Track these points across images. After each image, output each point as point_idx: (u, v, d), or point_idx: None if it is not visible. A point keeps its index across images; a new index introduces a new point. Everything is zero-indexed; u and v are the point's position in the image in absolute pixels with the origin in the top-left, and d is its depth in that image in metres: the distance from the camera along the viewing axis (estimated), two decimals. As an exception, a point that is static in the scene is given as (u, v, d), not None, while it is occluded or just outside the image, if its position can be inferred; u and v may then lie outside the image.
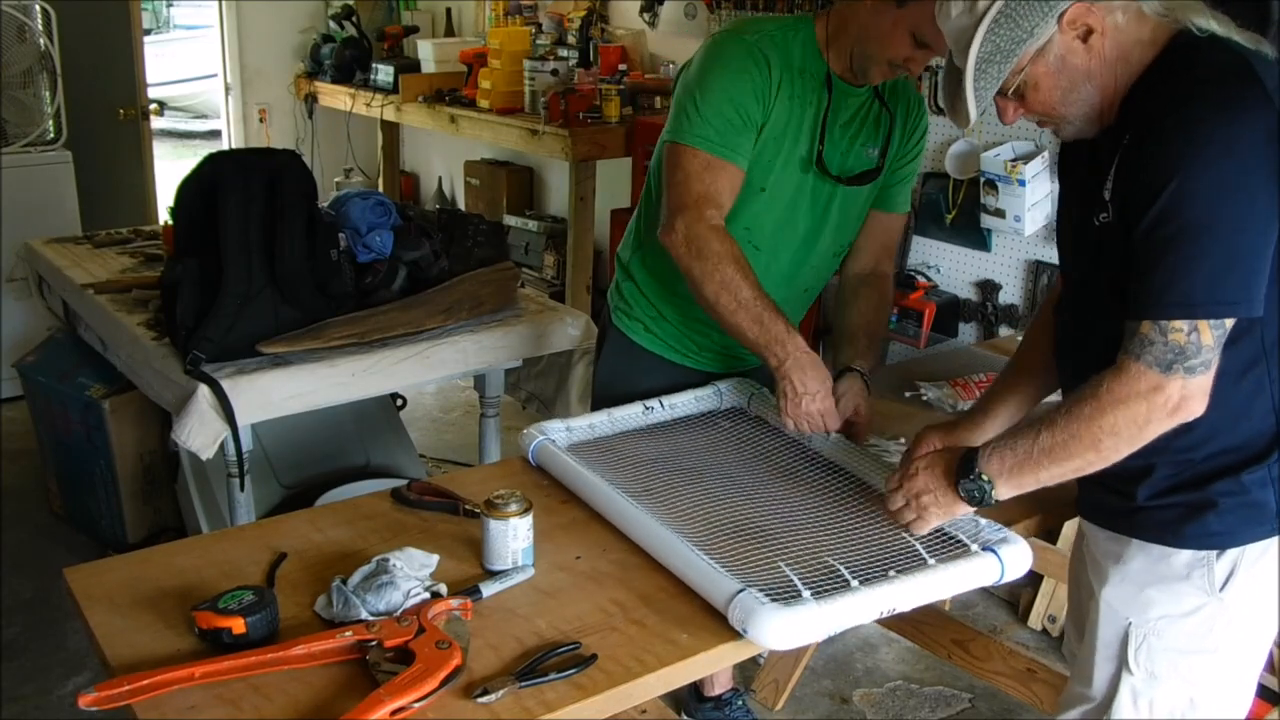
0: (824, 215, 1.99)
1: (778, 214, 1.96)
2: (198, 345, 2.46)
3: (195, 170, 2.67)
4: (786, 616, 1.27)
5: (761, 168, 1.91)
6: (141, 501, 3.24)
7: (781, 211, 1.96)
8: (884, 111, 1.96)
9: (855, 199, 2.00)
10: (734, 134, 1.85)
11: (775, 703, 2.77)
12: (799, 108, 1.89)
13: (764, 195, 1.94)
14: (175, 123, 10.63)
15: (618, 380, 2.13)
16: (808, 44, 1.90)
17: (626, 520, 1.52)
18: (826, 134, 1.90)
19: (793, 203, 1.95)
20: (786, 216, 1.97)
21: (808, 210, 1.97)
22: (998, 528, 1.52)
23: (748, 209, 1.94)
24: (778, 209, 1.95)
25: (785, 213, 1.96)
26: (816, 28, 1.90)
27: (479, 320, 2.82)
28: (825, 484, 1.69)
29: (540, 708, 1.19)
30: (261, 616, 1.27)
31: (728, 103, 1.84)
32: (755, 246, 1.96)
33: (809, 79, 1.89)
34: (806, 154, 1.91)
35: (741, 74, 1.85)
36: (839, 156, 1.95)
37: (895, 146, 2.00)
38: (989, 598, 3.27)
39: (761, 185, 1.93)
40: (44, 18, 4.45)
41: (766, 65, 1.85)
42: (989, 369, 2.18)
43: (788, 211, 1.96)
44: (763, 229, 1.96)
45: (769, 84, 1.85)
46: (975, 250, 3.46)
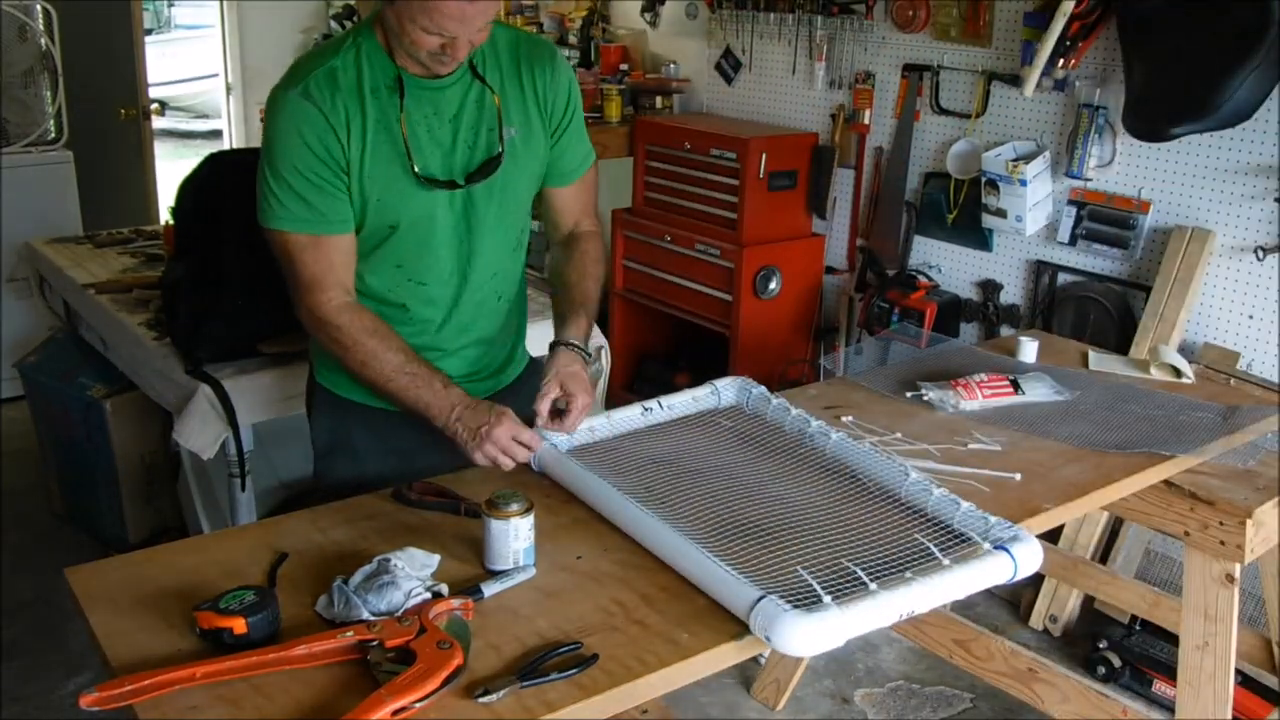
0: (474, 220, 1.81)
1: (423, 240, 1.79)
2: (199, 345, 2.46)
3: (196, 170, 2.68)
4: (810, 623, 1.27)
5: (380, 207, 1.74)
6: (142, 501, 3.24)
7: (425, 236, 1.78)
8: (485, 89, 1.76)
9: (504, 189, 1.81)
10: (318, 204, 1.69)
11: (776, 703, 2.77)
12: (386, 128, 1.71)
13: (400, 231, 1.77)
14: (176, 122, 10.64)
15: (337, 442, 1.96)
16: (373, 55, 1.70)
17: (638, 525, 1.51)
18: (412, 142, 1.71)
19: (431, 224, 1.78)
20: (430, 240, 1.79)
21: (452, 224, 1.79)
22: (1007, 525, 1.51)
23: (390, 250, 1.78)
24: (420, 236, 1.78)
25: (428, 236, 1.78)
26: (377, 35, 1.71)
27: (480, 320, 2.81)
28: (829, 482, 1.69)
29: (541, 708, 1.19)
30: (263, 616, 1.27)
31: (296, 174, 1.68)
32: (419, 282, 1.82)
33: (387, 92, 1.71)
34: (409, 169, 1.72)
35: (296, 135, 1.67)
36: (460, 154, 1.77)
37: (527, 118, 1.80)
38: (990, 597, 3.26)
39: (391, 223, 1.76)
40: (45, 17, 4.45)
41: (320, 112, 1.67)
42: (991, 369, 2.18)
43: (429, 234, 1.78)
44: (416, 261, 1.80)
45: (330, 130, 1.68)
46: (976, 250, 3.46)
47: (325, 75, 1.69)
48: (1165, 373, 2.33)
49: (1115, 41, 2.92)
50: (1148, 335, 2.96)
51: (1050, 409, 2.08)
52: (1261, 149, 2.78)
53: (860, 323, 3.69)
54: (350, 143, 1.69)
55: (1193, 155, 2.92)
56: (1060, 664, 2.40)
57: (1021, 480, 1.78)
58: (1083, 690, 2.27)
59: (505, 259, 1.90)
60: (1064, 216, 3.17)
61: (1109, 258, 3.13)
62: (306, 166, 1.68)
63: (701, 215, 3.77)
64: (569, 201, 1.95)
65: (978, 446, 1.90)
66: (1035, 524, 1.67)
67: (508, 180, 1.81)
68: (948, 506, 1.57)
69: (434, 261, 1.81)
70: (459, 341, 1.90)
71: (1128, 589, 2.63)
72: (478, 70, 1.76)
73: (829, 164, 3.76)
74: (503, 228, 1.85)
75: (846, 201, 3.82)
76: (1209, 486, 2.00)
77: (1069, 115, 3.13)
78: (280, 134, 1.69)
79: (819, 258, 3.89)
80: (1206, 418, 2.09)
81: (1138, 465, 1.88)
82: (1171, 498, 2.03)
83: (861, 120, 3.70)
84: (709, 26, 4.16)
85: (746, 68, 4.07)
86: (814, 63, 3.79)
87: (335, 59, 1.70)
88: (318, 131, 1.67)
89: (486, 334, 1.93)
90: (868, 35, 3.63)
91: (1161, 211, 3.01)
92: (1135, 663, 2.88)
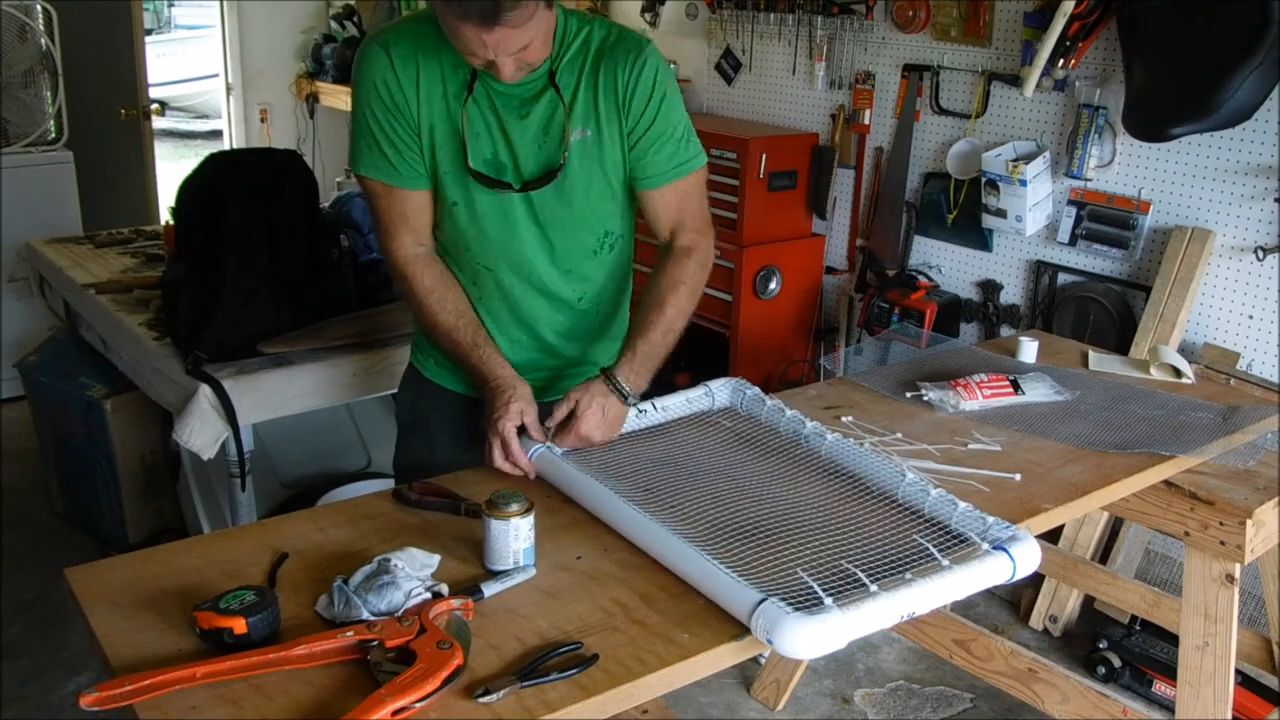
0: (542, 217, 1.79)
1: (490, 226, 1.78)
2: (199, 345, 2.46)
3: (196, 170, 2.68)
4: (812, 625, 1.26)
5: (444, 180, 1.75)
6: (143, 501, 3.24)
7: (493, 222, 1.78)
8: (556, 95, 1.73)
9: (572, 192, 1.78)
10: (389, 154, 1.72)
11: (777, 703, 2.77)
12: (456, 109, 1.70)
13: (460, 209, 1.77)
14: (176, 123, 10.65)
15: (415, 422, 2.00)
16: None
17: (636, 528, 1.51)
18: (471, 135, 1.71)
19: (496, 215, 1.77)
20: (497, 231, 1.78)
21: (518, 220, 1.78)
22: (1006, 525, 1.51)
23: (454, 226, 1.80)
24: (487, 221, 1.78)
25: (493, 227, 1.78)
26: None
27: (480, 320, 2.81)
28: (827, 483, 1.69)
29: (542, 708, 1.19)
30: (263, 616, 1.27)
31: (372, 120, 1.71)
32: (486, 267, 1.83)
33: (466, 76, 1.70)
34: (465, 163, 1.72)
35: (370, 83, 1.69)
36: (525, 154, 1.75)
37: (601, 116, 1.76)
38: (990, 597, 3.27)
39: (452, 200, 1.76)
40: (45, 17, 4.45)
41: (390, 64, 1.68)
42: (991, 369, 2.18)
43: (499, 220, 1.78)
44: (482, 247, 1.80)
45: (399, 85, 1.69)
46: (976, 250, 3.46)
47: (410, 33, 1.69)
48: (1165, 373, 2.33)
49: (1115, 42, 2.92)
50: (1148, 335, 2.96)
51: (1050, 409, 2.08)
52: (1261, 149, 2.78)
53: (860, 323, 3.69)
54: (420, 105, 1.70)
55: (1193, 155, 2.92)
56: (1060, 664, 2.40)
57: (1021, 480, 1.78)
58: (1083, 690, 2.28)
59: (583, 260, 1.86)
60: (1064, 217, 3.17)
61: (1109, 258, 3.13)
62: (379, 114, 1.71)
63: (702, 215, 3.78)
64: (660, 207, 1.85)
65: (978, 447, 1.90)
66: (1035, 524, 1.67)
67: (576, 182, 1.77)
68: (945, 507, 1.56)
69: (498, 250, 1.81)
70: (528, 333, 1.89)
71: (1128, 589, 2.63)
72: (555, 74, 1.73)
73: (829, 164, 3.76)
74: (576, 229, 1.82)
75: (846, 201, 3.82)
76: (1209, 486, 2.00)
77: (1069, 115, 3.13)
78: (359, 80, 1.72)
79: (819, 258, 3.89)
80: (1206, 418, 2.09)
81: (1138, 465, 1.88)
82: (1171, 498, 2.03)
83: (862, 120, 3.70)
84: (709, 26, 4.16)
85: (747, 68, 4.07)
86: (814, 63, 3.79)
87: (430, 24, 1.67)
88: (387, 83, 1.69)
89: (559, 331, 1.91)
90: (868, 35, 3.63)
91: (1161, 212, 3.01)
92: (1135, 663, 2.88)
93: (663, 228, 1.88)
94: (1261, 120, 2.72)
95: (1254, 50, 2.55)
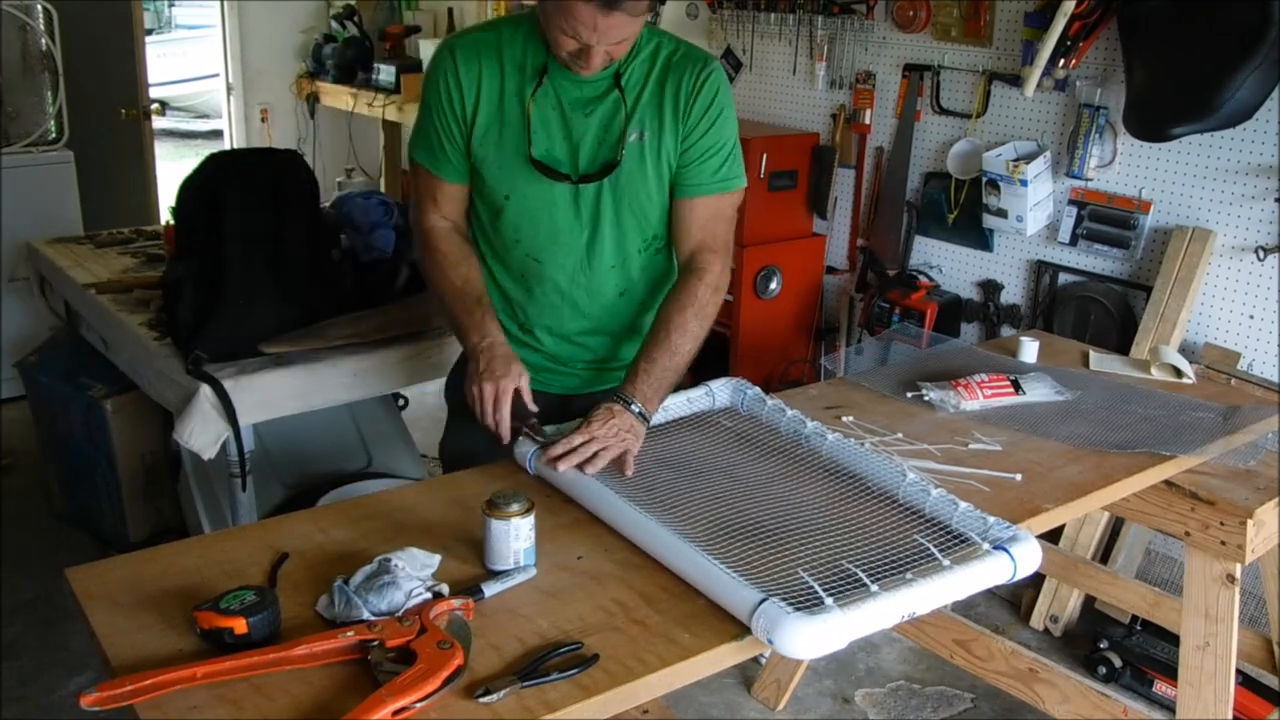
0: (594, 214, 1.86)
1: (540, 219, 1.86)
2: (200, 345, 2.46)
3: (197, 170, 2.68)
4: (813, 625, 1.27)
5: (496, 175, 1.84)
6: (143, 501, 3.24)
7: (543, 216, 1.85)
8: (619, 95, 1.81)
9: (627, 190, 1.84)
10: (438, 146, 1.87)
11: (777, 703, 2.77)
12: (520, 104, 1.80)
13: (511, 204, 1.85)
14: (177, 123, 10.64)
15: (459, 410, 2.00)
16: (533, 36, 1.80)
17: (637, 528, 1.51)
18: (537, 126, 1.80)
19: (549, 204, 1.85)
20: (550, 220, 1.86)
21: (571, 212, 1.85)
22: (1006, 525, 1.51)
23: (505, 221, 1.88)
24: (537, 214, 1.85)
25: (545, 218, 1.86)
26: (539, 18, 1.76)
27: (481, 320, 2.81)
28: (827, 483, 1.69)
29: (542, 708, 1.19)
30: (263, 617, 1.27)
31: (430, 113, 1.86)
32: (535, 259, 1.89)
33: (533, 72, 1.80)
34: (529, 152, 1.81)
35: (433, 81, 1.84)
36: (585, 148, 1.82)
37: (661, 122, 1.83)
38: (991, 597, 3.26)
39: (505, 193, 1.85)
40: (45, 17, 4.45)
41: (455, 67, 1.81)
42: (991, 369, 2.18)
43: (548, 214, 1.85)
44: (532, 238, 1.87)
45: (459, 87, 1.81)
46: (977, 250, 3.46)
47: (474, 40, 1.84)
48: (1166, 373, 2.33)
49: (1116, 41, 2.92)
50: (1148, 335, 2.96)
51: (1051, 409, 2.08)
52: (1262, 149, 2.78)
53: (861, 323, 3.69)
54: (478, 106, 1.82)
55: (1193, 155, 2.92)
56: (1061, 664, 2.40)
57: (1022, 480, 1.78)
58: (1083, 690, 2.27)
59: (632, 258, 1.92)
60: (1065, 216, 3.17)
61: (1110, 258, 3.13)
62: (435, 111, 1.85)
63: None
64: (689, 218, 1.88)
65: (978, 447, 1.90)
66: (1036, 524, 1.68)
67: (627, 182, 1.84)
68: (946, 507, 1.57)
69: (548, 242, 1.88)
70: (577, 326, 1.96)
71: (1128, 589, 2.63)
72: (621, 77, 1.81)
73: (830, 164, 3.76)
74: (626, 225, 1.88)
75: (847, 201, 3.82)
76: (1210, 486, 2.00)
77: (1069, 115, 3.13)
78: (427, 76, 1.87)
79: (820, 258, 3.89)
80: (1207, 418, 2.09)
81: (1138, 465, 1.88)
82: (1172, 498, 2.03)
83: (862, 120, 3.70)
84: (710, 26, 4.16)
85: (747, 68, 4.07)
86: (815, 63, 3.79)
87: (495, 31, 1.84)
88: (449, 85, 1.82)
89: (605, 325, 1.97)
90: (868, 35, 3.63)
91: (1162, 211, 3.01)
92: (1136, 663, 2.88)
93: (688, 242, 1.90)
94: (1262, 120, 2.72)
95: (1254, 50, 2.55)
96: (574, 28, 1.65)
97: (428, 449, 3.95)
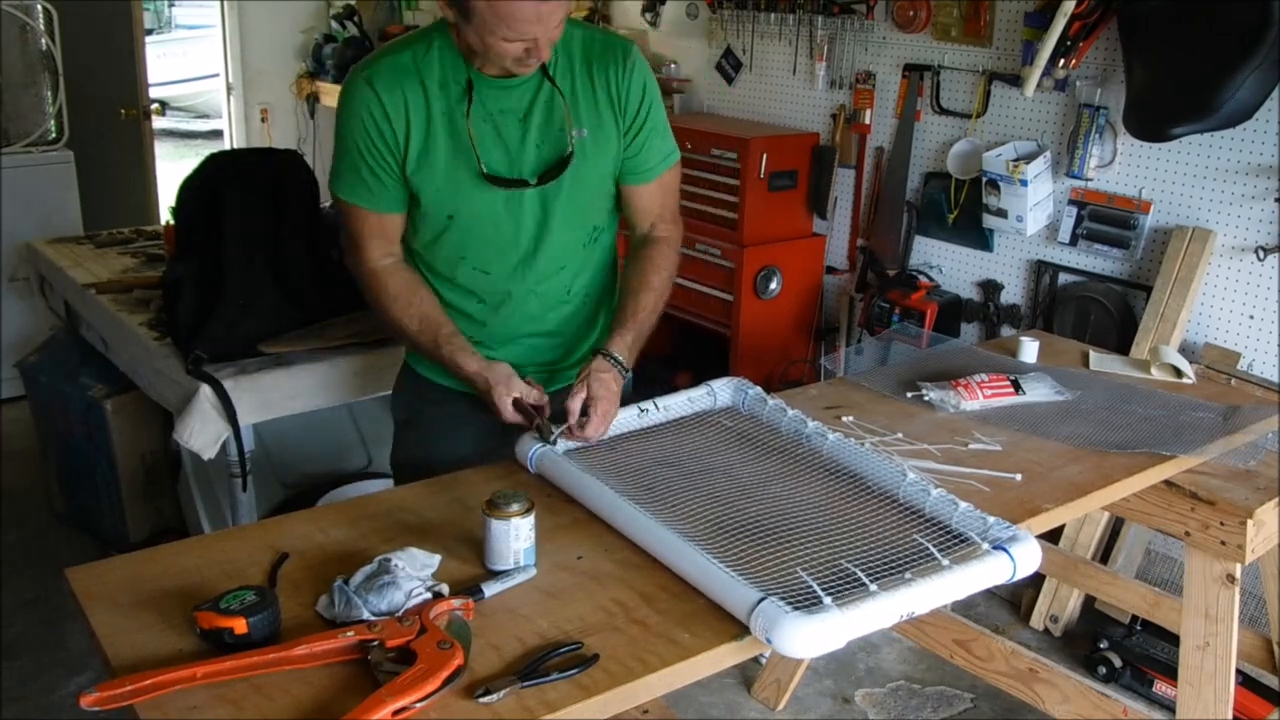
0: (542, 216, 1.86)
1: (483, 233, 1.86)
2: (199, 345, 2.46)
3: (197, 170, 2.68)
4: (811, 625, 1.27)
5: (439, 196, 1.82)
6: (143, 501, 3.24)
7: (485, 229, 1.85)
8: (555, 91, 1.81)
9: (574, 187, 1.85)
10: (369, 181, 1.81)
11: (777, 703, 2.77)
12: (451, 123, 1.78)
13: (457, 221, 1.85)
14: (177, 123, 10.65)
15: (411, 419, 2.06)
16: (446, 54, 1.77)
17: (636, 527, 1.51)
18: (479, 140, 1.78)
19: (492, 218, 1.84)
20: (490, 232, 1.86)
21: (515, 219, 1.85)
22: (1006, 525, 1.51)
23: (451, 238, 1.87)
24: (480, 228, 1.85)
25: (488, 229, 1.85)
26: (452, 35, 1.75)
27: (480, 320, 2.81)
28: (828, 482, 1.69)
29: (542, 708, 1.19)
30: (263, 617, 1.27)
31: (354, 150, 1.80)
32: (482, 270, 1.89)
33: (457, 89, 1.78)
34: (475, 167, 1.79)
35: (356, 117, 1.78)
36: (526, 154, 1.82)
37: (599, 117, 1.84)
38: (991, 597, 3.27)
39: (448, 213, 1.84)
40: (45, 17, 4.46)
41: (379, 100, 1.75)
42: (991, 369, 2.18)
43: (490, 227, 1.85)
44: (479, 252, 1.88)
45: (386, 119, 1.76)
46: (977, 250, 3.46)
47: (391, 66, 1.78)
48: (1166, 373, 2.33)
49: (1116, 41, 2.92)
50: (1148, 335, 2.96)
51: (1051, 409, 2.08)
52: (1262, 149, 2.78)
53: (861, 323, 3.69)
54: (408, 133, 1.78)
55: (1193, 155, 2.92)
56: (1061, 664, 2.40)
57: (1022, 480, 1.78)
58: (1083, 690, 2.27)
59: (576, 254, 1.94)
60: (1065, 216, 3.17)
61: (1110, 258, 3.13)
62: (363, 146, 1.79)
63: (702, 215, 3.77)
64: (646, 200, 1.96)
65: (978, 447, 1.90)
66: (1036, 524, 1.67)
67: (577, 178, 1.85)
68: (946, 507, 1.57)
69: (496, 253, 1.88)
70: (525, 329, 1.96)
71: (1128, 589, 2.63)
72: (548, 71, 1.80)
73: (830, 164, 3.76)
74: (573, 224, 1.90)
75: (847, 201, 3.82)
76: (1210, 486, 2.00)
77: (1069, 115, 3.13)
78: (344, 112, 1.81)
79: (820, 258, 3.89)
80: (1207, 418, 2.09)
81: (1138, 465, 1.88)
82: (1172, 498, 2.03)
83: (862, 120, 3.70)
84: (710, 26, 4.16)
85: (747, 68, 4.07)
86: (815, 63, 3.79)
87: (407, 52, 1.78)
88: (374, 117, 1.77)
89: (553, 326, 1.98)
90: (868, 35, 3.63)
91: (1162, 211, 3.01)
92: (1136, 663, 2.88)
93: (645, 220, 1.98)
94: (1262, 120, 2.72)
95: (1254, 50, 2.55)
96: (519, 30, 1.63)
97: (428, 449, 3.96)
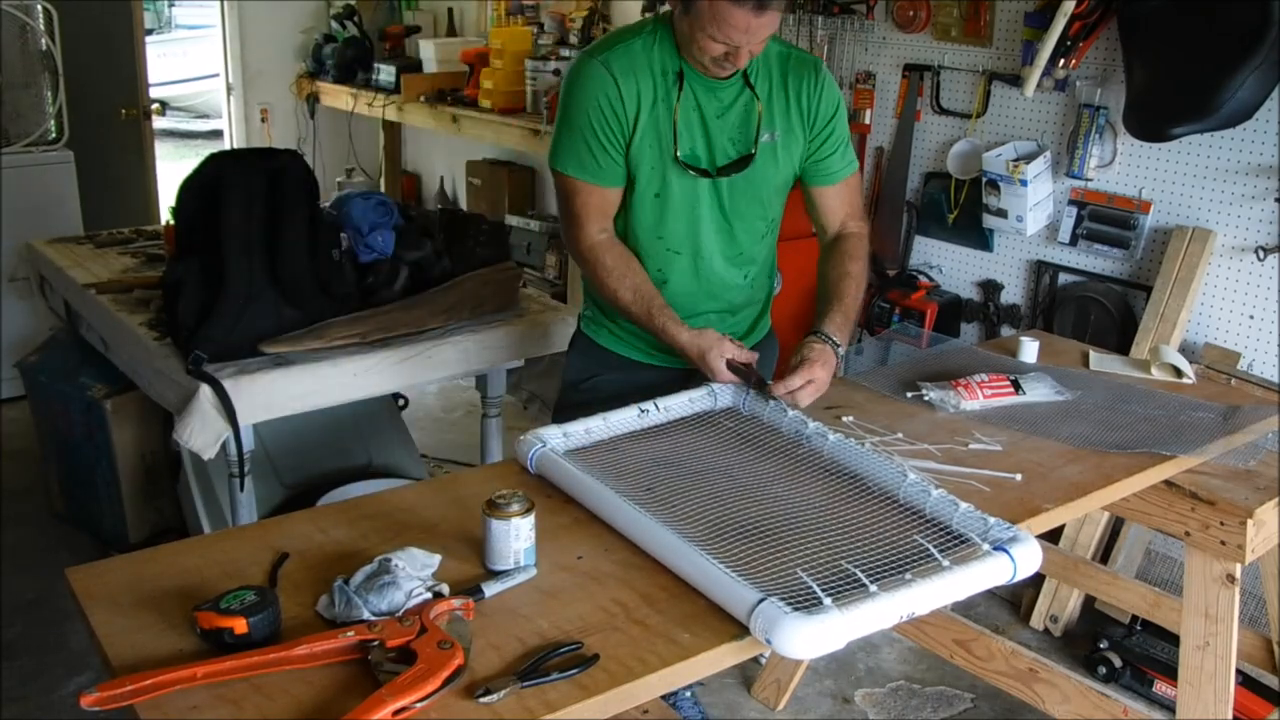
0: (727, 205, 2.06)
1: (682, 215, 2.05)
2: (199, 345, 2.46)
3: (197, 170, 2.68)
4: (811, 626, 1.27)
5: (648, 175, 2.01)
6: (143, 501, 3.24)
7: (685, 211, 2.04)
8: (753, 97, 2.01)
9: (755, 183, 2.06)
10: (598, 157, 1.98)
11: (777, 703, 2.77)
12: (664, 109, 1.97)
13: (660, 200, 2.03)
14: (177, 123, 10.64)
15: (584, 377, 2.24)
16: (665, 44, 1.96)
17: (636, 527, 1.51)
18: (681, 129, 1.97)
19: (691, 201, 2.04)
20: (690, 215, 2.05)
21: (709, 204, 2.05)
22: (1006, 526, 1.51)
23: (651, 216, 2.05)
24: (680, 210, 2.04)
25: (688, 212, 2.05)
26: (670, 28, 1.96)
27: (481, 320, 2.82)
28: (828, 483, 1.69)
29: (542, 708, 1.19)
30: (263, 617, 1.27)
31: (585, 128, 1.96)
32: (675, 251, 2.08)
33: (671, 78, 1.97)
34: (672, 151, 1.98)
35: (591, 96, 1.95)
36: (719, 147, 2.01)
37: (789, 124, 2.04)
38: (991, 597, 3.26)
39: (655, 192, 2.03)
40: (45, 17, 4.46)
41: (614, 81, 1.93)
42: (991, 369, 2.18)
43: (689, 210, 2.04)
44: (675, 232, 2.07)
45: (620, 99, 1.94)
46: (977, 250, 3.46)
47: (624, 50, 1.96)
48: (1166, 373, 2.33)
49: (1116, 41, 2.92)
50: (1148, 335, 2.96)
51: (1051, 409, 2.08)
52: (1262, 149, 2.78)
53: (861, 323, 3.69)
54: (638, 114, 1.96)
55: (1193, 155, 2.92)
56: (1061, 664, 2.40)
57: (1022, 480, 1.78)
58: (1083, 690, 2.27)
59: (753, 243, 2.14)
60: (1065, 216, 3.17)
61: (1110, 258, 3.13)
62: (596, 124, 1.96)
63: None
64: (834, 201, 2.15)
65: (978, 447, 1.90)
66: (1036, 524, 1.67)
67: (760, 176, 2.05)
68: (946, 507, 1.56)
69: (690, 236, 2.07)
70: (706, 307, 2.15)
71: (1128, 589, 2.63)
72: (749, 78, 1.99)
73: (829, 164, 3.76)
74: (752, 216, 2.10)
75: (847, 201, 3.82)
76: (1210, 486, 2.00)
77: (1069, 115, 3.13)
78: (578, 92, 1.98)
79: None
80: (1207, 418, 2.09)
81: (1138, 465, 1.88)
82: (1172, 498, 2.03)
83: (862, 120, 3.70)
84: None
85: (747, 68, 4.06)
86: (814, 63, 3.79)
87: (636, 39, 1.97)
88: (609, 97, 1.95)
89: (731, 304, 2.18)
90: (868, 35, 3.63)
91: (1162, 211, 3.01)
92: (1136, 663, 2.88)
93: (835, 219, 2.17)
94: (1262, 120, 2.72)
95: (1254, 50, 2.55)
96: (726, 34, 1.81)
97: (428, 449, 3.96)
